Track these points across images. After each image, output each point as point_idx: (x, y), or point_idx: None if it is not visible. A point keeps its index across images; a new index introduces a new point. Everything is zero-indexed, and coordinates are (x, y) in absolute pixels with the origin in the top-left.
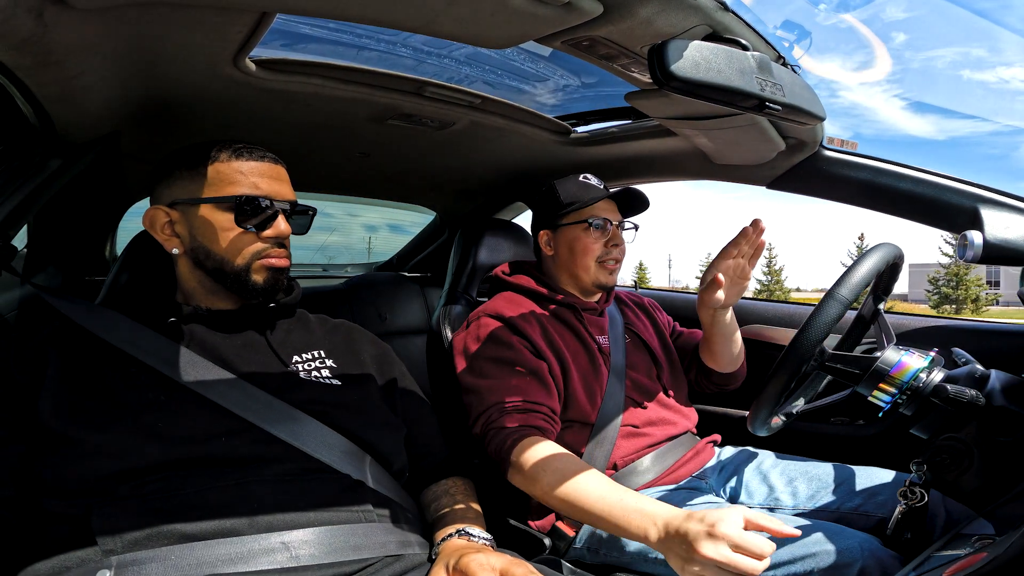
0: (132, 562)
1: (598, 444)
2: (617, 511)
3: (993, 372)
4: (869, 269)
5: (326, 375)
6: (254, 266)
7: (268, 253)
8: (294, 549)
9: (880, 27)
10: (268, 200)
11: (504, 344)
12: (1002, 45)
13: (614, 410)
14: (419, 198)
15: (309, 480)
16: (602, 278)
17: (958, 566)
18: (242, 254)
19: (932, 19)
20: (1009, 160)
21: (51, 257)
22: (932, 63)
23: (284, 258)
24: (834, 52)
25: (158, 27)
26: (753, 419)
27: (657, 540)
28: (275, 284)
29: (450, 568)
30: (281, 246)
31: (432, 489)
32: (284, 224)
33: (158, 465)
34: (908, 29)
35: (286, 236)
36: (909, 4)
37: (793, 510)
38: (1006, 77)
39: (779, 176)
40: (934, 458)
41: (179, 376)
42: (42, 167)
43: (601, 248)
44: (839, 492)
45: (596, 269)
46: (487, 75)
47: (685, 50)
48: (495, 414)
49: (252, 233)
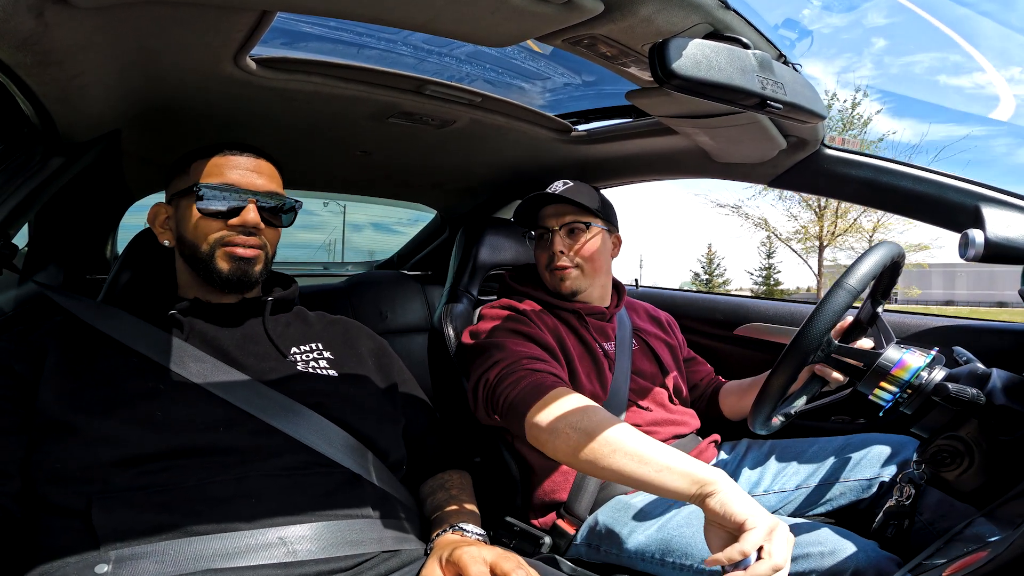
0: (130, 556)
1: None
2: (661, 463)
3: (994, 371)
4: (877, 261)
5: (324, 366)
6: (218, 253)
7: (232, 240)
8: (291, 544)
9: (861, 33)
10: (230, 187)
11: (516, 320)
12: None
13: (618, 412)
14: (420, 196)
15: (307, 474)
16: (557, 285)
17: (958, 565)
18: (207, 240)
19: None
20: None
21: (52, 255)
22: (911, 68)
23: (251, 248)
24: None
25: (159, 26)
26: (754, 417)
27: (697, 499)
28: (242, 275)
29: (443, 561)
30: (251, 235)
31: (428, 483)
32: (252, 213)
33: (157, 454)
34: (888, 35)
35: (252, 225)
36: (889, 10)
37: (795, 491)
38: (981, 83)
39: (780, 174)
40: (934, 457)
41: (178, 367)
42: (43, 166)
43: (546, 257)
44: (834, 466)
45: (551, 278)
46: (488, 73)
47: (686, 48)
48: (514, 362)
49: (219, 220)
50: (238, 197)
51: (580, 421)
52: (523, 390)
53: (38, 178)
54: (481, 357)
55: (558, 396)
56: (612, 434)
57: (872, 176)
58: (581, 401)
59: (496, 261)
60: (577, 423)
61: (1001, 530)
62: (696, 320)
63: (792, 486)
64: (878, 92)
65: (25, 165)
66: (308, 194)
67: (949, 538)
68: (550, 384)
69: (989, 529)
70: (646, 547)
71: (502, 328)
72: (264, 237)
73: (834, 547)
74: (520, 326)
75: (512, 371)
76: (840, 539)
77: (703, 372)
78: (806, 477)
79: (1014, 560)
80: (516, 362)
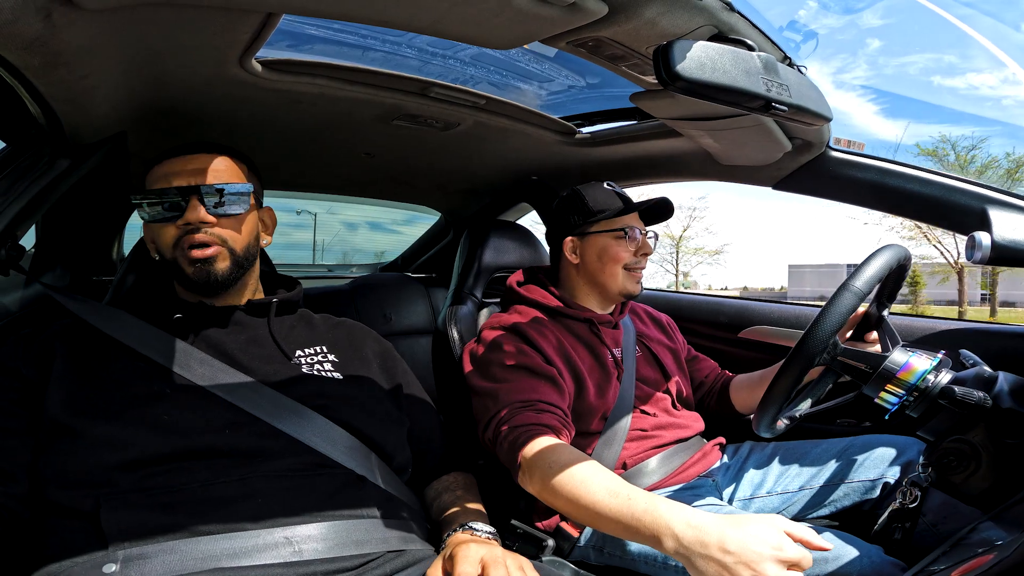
0: (138, 556)
1: (606, 447)
2: (626, 514)
3: (1001, 374)
4: (883, 264)
5: (328, 369)
6: (180, 259)
7: (186, 242)
8: (297, 544)
9: (857, 34)
10: (167, 190)
11: (516, 351)
12: (972, 52)
13: (624, 418)
14: (424, 199)
15: (313, 475)
16: (629, 286)
17: (965, 568)
18: (167, 247)
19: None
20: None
21: (59, 257)
22: (905, 69)
23: (206, 247)
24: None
25: (165, 28)
26: (759, 419)
27: (675, 552)
28: (206, 276)
29: (445, 559)
30: (201, 232)
31: (434, 485)
32: (193, 211)
33: (163, 456)
34: (883, 35)
35: (197, 221)
36: (885, 11)
37: (799, 492)
38: (975, 83)
39: (785, 177)
40: (941, 460)
41: (184, 370)
42: (50, 167)
43: (631, 257)
44: (837, 468)
45: (624, 277)
46: (492, 76)
47: (690, 50)
48: (507, 413)
49: (169, 224)
50: (178, 197)
51: (562, 473)
52: (512, 444)
53: (45, 180)
54: (479, 401)
55: (543, 451)
56: (591, 482)
57: (878, 179)
58: (566, 449)
59: (500, 264)
60: (560, 475)
61: (1008, 533)
62: (701, 323)
63: (795, 487)
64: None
65: (32, 167)
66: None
67: (955, 542)
68: (536, 437)
69: (996, 532)
70: (649, 550)
71: (496, 364)
72: (221, 232)
73: (838, 552)
74: (516, 357)
75: (502, 426)
76: (844, 544)
77: (707, 368)
78: (809, 479)
79: (1021, 563)
80: (509, 410)
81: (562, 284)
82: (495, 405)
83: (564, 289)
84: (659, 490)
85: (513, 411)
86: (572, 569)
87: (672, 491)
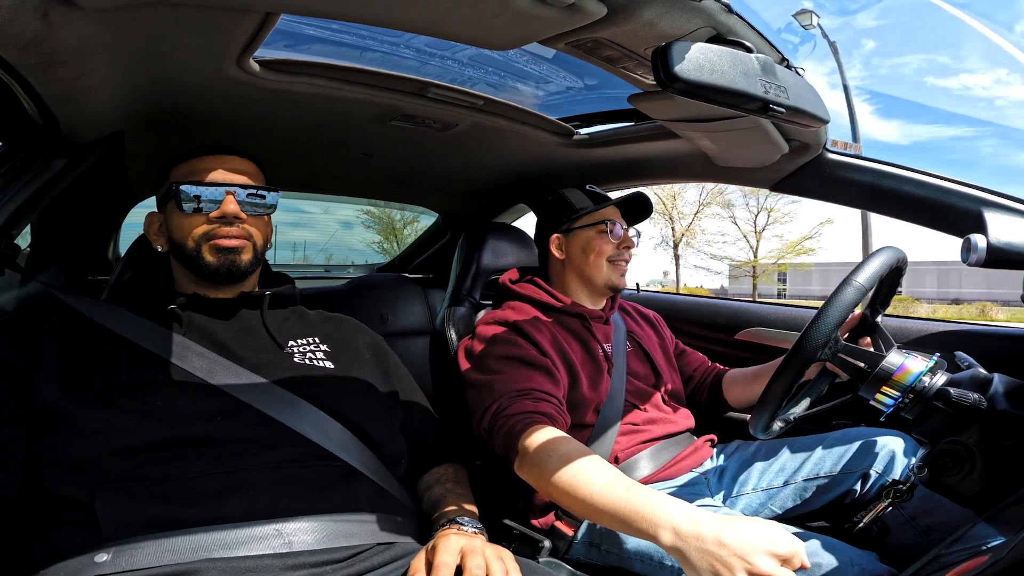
0: (130, 545)
1: (598, 441)
2: (624, 506)
3: (996, 376)
4: (884, 262)
5: (320, 358)
6: (204, 248)
7: (216, 233)
8: (287, 535)
9: (852, 35)
10: (203, 184)
11: (511, 343)
12: (965, 52)
13: (615, 412)
14: (421, 199)
15: (304, 467)
16: (614, 279)
17: (960, 569)
18: (192, 236)
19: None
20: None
21: (54, 256)
22: (899, 70)
23: (235, 238)
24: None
25: (162, 27)
26: (756, 420)
27: (671, 545)
28: (230, 265)
29: (428, 550)
30: (233, 226)
31: (425, 478)
32: (231, 204)
33: (156, 444)
34: (877, 36)
35: (232, 215)
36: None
37: (783, 488)
38: (968, 84)
39: (782, 179)
40: (936, 461)
41: (178, 359)
42: (46, 166)
43: (613, 249)
44: (820, 461)
45: (608, 270)
46: (490, 76)
47: (688, 52)
48: (503, 402)
49: (201, 216)
50: (216, 191)
51: (559, 461)
52: (509, 433)
53: (41, 179)
54: (474, 393)
55: (540, 439)
56: (588, 471)
57: (875, 181)
58: (563, 437)
59: (498, 266)
60: (557, 463)
61: (1003, 535)
62: (697, 324)
63: (780, 483)
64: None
65: (28, 166)
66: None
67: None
68: (532, 425)
69: (990, 534)
70: (646, 548)
71: (491, 356)
72: (248, 228)
73: (831, 559)
74: (510, 349)
75: (499, 415)
76: (839, 552)
77: (696, 362)
78: (792, 473)
79: (1015, 565)
80: (506, 399)
81: (552, 282)
82: (490, 396)
83: (554, 286)
84: (652, 484)
85: (509, 400)
86: (568, 570)
87: (668, 488)
